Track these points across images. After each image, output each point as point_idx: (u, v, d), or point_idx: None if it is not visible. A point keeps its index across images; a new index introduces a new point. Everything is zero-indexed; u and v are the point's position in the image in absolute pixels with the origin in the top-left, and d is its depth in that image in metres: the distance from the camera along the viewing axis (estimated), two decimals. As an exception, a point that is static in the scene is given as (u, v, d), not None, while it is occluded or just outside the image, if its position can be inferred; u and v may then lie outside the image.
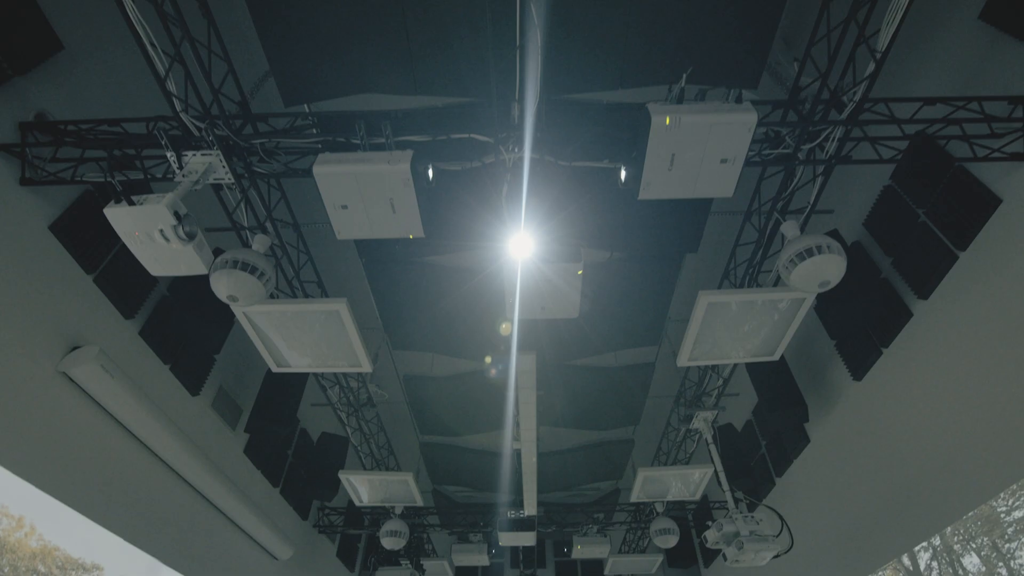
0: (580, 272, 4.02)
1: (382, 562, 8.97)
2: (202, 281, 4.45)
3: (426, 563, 10.32)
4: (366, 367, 5.39)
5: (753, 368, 7.03)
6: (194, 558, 6.33)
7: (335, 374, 6.72)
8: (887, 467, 5.99)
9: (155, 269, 3.67)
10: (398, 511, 8.71)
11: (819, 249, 3.92)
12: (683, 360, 5.49)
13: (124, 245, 3.62)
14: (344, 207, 3.59)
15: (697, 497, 7.96)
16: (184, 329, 6.11)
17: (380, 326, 7.28)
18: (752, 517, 5.52)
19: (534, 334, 5.48)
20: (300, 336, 5.18)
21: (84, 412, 4.80)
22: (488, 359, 7.16)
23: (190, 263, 3.56)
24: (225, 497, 6.50)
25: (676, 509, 9.77)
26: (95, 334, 4.94)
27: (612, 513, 9.99)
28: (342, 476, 7.47)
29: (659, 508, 8.86)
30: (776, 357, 5.56)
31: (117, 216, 3.22)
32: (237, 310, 4.72)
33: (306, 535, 9.55)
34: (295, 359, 5.49)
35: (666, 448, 8.39)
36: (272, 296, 5.55)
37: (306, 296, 5.78)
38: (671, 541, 8.43)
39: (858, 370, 6.24)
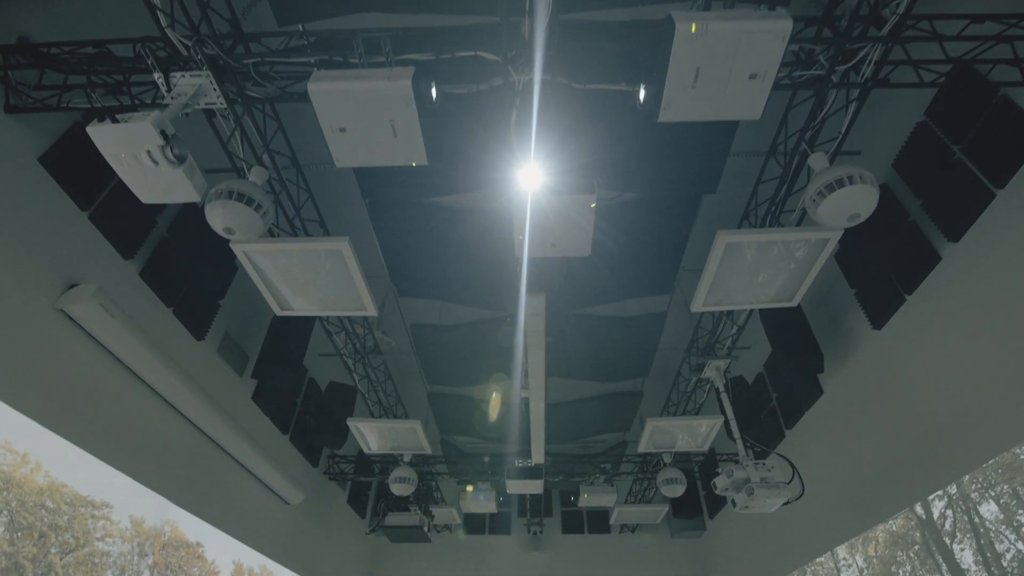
0: (593, 205, 3.79)
1: (391, 508, 9.10)
2: (201, 222, 4.30)
3: (435, 510, 10.51)
4: (371, 311, 5.26)
5: (768, 317, 6.84)
6: (204, 499, 6.41)
7: (341, 320, 6.62)
8: (903, 417, 5.86)
9: (146, 196, 3.49)
10: (407, 459, 8.78)
11: (851, 179, 3.66)
12: (697, 305, 5.30)
13: (120, 182, 3.45)
14: (342, 130, 3.36)
15: (705, 449, 7.92)
16: (186, 273, 6.00)
17: (386, 274, 7.14)
18: (763, 464, 5.44)
19: (543, 279, 5.30)
20: (303, 278, 5.05)
21: (85, 351, 4.73)
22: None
23: (182, 190, 3.37)
24: (233, 440, 6.52)
25: (682, 461, 9.79)
26: (93, 273, 4.82)
27: (619, 464, 10.03)
28: (350, 424, 7.47)
29: (666, 459, 8.86)
30: (795, 303, 5.36)
31: (101, 135, 3.03)
32: (236, 248, 4.56)
33: (317, 482, 9.71)
34: (299, 303, 5.38)
35: (676, 399, 8.31)
36: (272, 234, 5.41)
37: (307, 236, 5.61)
38: (678, 491, 8.46)
39: (878, 318, 6.04)
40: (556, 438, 9.46)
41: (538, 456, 7.75)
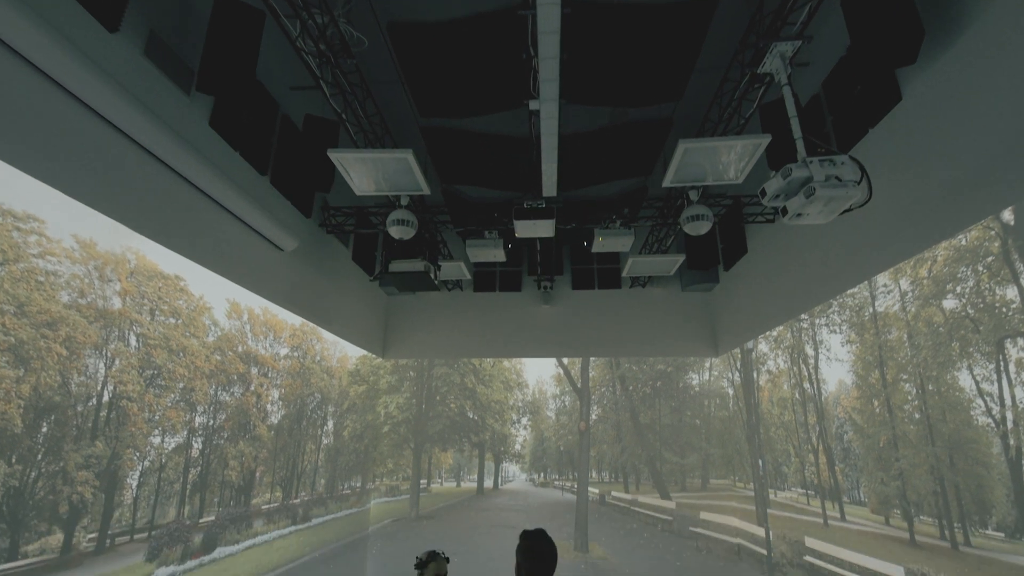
0: None
1: (394, 256, 8.61)
2: None
3: (442, 263, 10.16)
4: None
5: (851, -4, 5.16)
6: (166, 227, 5.63)
7: (291, 4, 5.04)
8: (1012, 111, 4.60)
9: None
10: (404, 202, 7.98)
11: None
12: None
13: None
14: None
15: (740, 179, 6.89)
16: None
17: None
18: (830, 161, 4.40)
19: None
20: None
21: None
22: None
23: None
24: (191, 164, 5.54)
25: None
26: None
27: (638, 208, 9.21)
28: (332, 155, 6.42)
29: (693, 196, 7.99)
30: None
31: None
32: None
33: (314, 234, 9.13)
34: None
35: (715, 118, 7.02)
36: None
37: None
38: (703, 228, 7.73)
39: (1016, -27, 4.40)
40: (570, 180, 8.47)
41: (549, 187, 6.83)
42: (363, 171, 6.85)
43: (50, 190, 4.53)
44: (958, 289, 31.42)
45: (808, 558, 25.26)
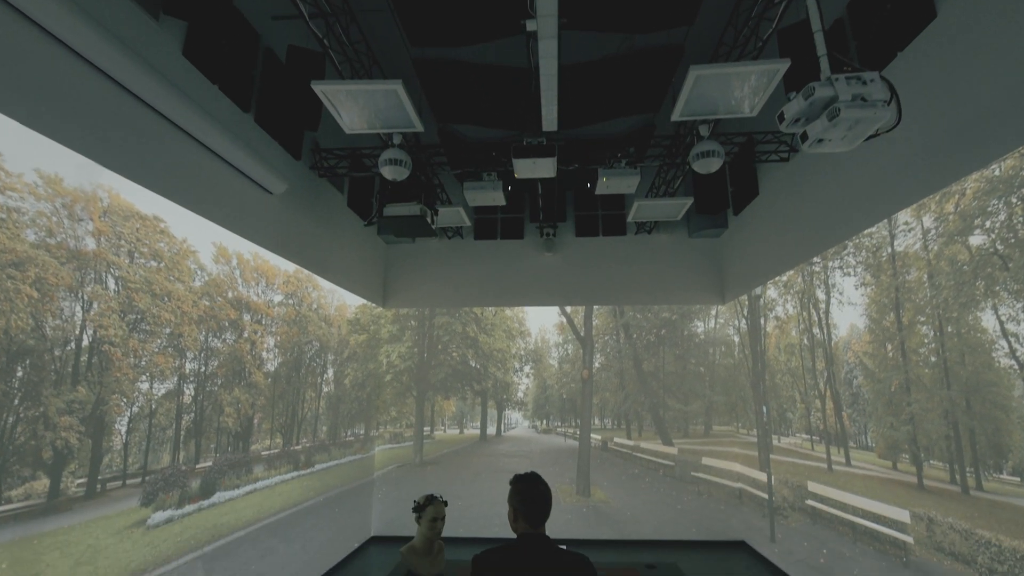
0: None
1: (389, 200, 8.25)
2: None
3: (440, 209, 9.80)
4: None
5: None
6: (143, 166, 5.31)
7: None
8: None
9: None
10: (397, 141, 7.56)
11: None
12: None
13: None
14: None
15: (755, 112, 6.44)
16: None
17: None
18: (858, 79, 3.98)
19: None
20: None
21: None
22: None
23: None
24: (164, 96, 5.14)
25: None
26: None
27: (645, 147, 8.74)
28: (316, 87, 6.00)
29: (703, 132, 7.52)
30: None
31: None
32: None
33: (306, 179, 8.74)
34: None
35: (729, 42, 6.49)
36: None
37: None
38: (713, 165, 7.30)
39: None
40: (572, 116, 7.99)
41: (550, 120, 6.40)
42: (351, 106, 6.42)
43: (5, 119, 4.18)
44: (987, 224, 28.84)
45: (810, 502, 25.80)
